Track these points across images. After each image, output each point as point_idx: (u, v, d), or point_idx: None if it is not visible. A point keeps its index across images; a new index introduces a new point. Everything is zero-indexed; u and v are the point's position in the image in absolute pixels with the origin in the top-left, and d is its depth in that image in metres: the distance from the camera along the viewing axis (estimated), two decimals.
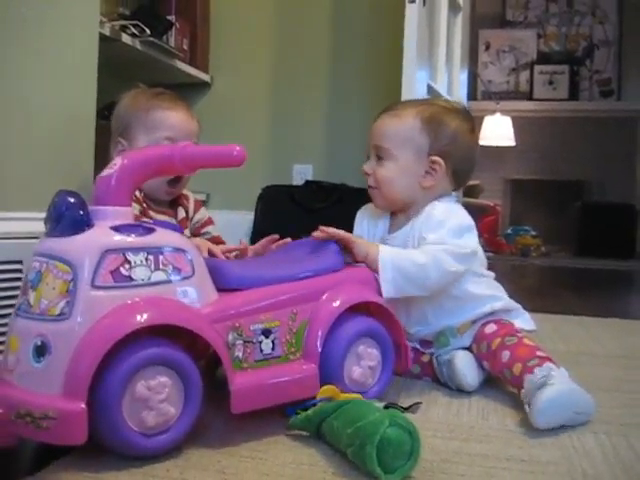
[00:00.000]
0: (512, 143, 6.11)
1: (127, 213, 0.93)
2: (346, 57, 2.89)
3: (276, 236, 1.34)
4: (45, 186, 1.44)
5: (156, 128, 1.33)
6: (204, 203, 2.76)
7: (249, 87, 3.03)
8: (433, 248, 1.17)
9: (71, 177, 1.54)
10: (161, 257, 0.89)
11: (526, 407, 1.05)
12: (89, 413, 0.78)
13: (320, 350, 1.02)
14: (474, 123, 1.32)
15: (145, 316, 0.84)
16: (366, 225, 1.36)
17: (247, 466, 0.85)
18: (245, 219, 2.75)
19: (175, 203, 1.42)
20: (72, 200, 0.88)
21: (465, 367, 1.20)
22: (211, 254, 1.28)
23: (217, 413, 0.99)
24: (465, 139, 1.28)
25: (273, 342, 0.98)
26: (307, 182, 2.75)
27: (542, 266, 4.76)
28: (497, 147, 6.10)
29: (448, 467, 0.87)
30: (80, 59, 1.59)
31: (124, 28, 2.36)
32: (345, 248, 1.17)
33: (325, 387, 0.99)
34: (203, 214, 1.48)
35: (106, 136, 1.82)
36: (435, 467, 0.87)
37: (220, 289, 0.96)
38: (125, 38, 2.35)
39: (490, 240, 5.41)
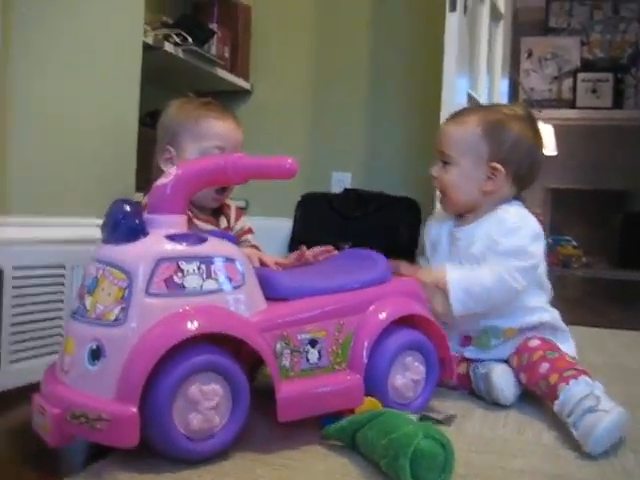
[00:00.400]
0: (554, 152, 6.03)
1: (181, 222, 0.95)
2: (386, 65, 2.89)
3: (331, 247, 1.35)
4: (89, 192, 1.48)
5: (205, 137, 1.35)
6: (243, 210, 2.79)
7: (289, 94, 3.05)
8: (501, 268, 1.22)
9: (114, 183, 1.57)
10: (212, 266, 0.91)
11: (569, 425, 1.03)
12: (140, 415, 0.81)
13: (366, 361, 1.02)
14: (537, 127, 1.34)
15: (196, 324, 0.86)
16: (434, 228, 1.42)
17: (281, 475, 0.86)
18: (284, 226, 2.76)
19: (218, 211, 1.44)
20: (128, 208, 0.91)
21: (502, 381, 1.19)
22: (262, 264, 1.30)
23: (255, 422, 1.00)
24: (527, 145, 1.30)
25: (319, 352, 0.99)
26: (346, 190, 2.75)
27: (583, 277, 4.69)
28: None
29: None
30: (125, 68, 1.62)
31: (167, 37, 2.40)
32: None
33: (367, 399, 0.99)
34: (244, 223, 1.50)
35: (148, 143, 1.84)
36: None
37: (269, 298, 0.98)
38: (168, 46, 2.38)
39: None
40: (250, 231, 1.50)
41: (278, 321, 0.96)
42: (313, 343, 0.99)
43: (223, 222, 1.44)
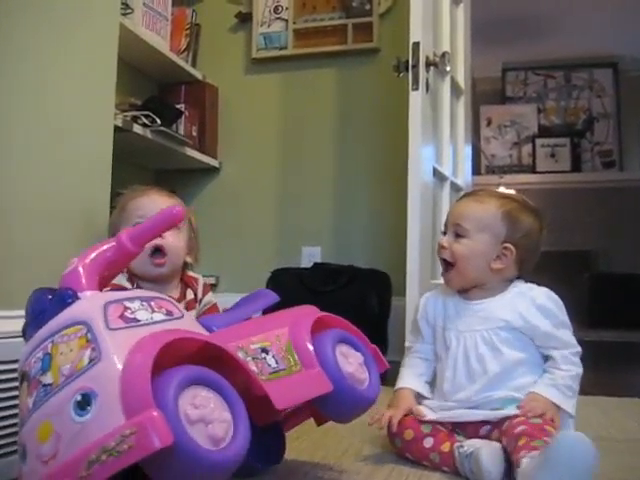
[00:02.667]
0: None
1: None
2: (352, 141, 2.96)
3: None
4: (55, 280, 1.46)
5: (130, 216, 1.44)
6: (213, 287, 2.77)
7: (257, 171, 3.09)
8: (572, 354, 1.39)
9: None
10: (153, 303, 0.94)
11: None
12: None
13: (314, 354, 1.08)
14: (545, 223, 1.48)
15: (173, 334, 0.86)
16: (434, 304, 1.47)
17: None
18: None
19: (184, 285, 1.49)
20: (51, 290, 0.93)
21: (491, 463, 1.17)
22: None
23: None
24: (535, 235, 1.43)
25: (274, 358, 1.03)
26: (315, 264, 2.76)
27: None
28: None
29: None
30: (96, 150, 1.63)
31: (135, 118, 2.43)
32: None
33: None
34: (210, 298, 1.55)
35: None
36: None
37: None
38: (137, 128, 2.41)
39: None
40: (216, 308, 1.54)
41: (229, 337, 1.00)
42: (265, 351, 1.03)
43: (190, 295, 1.49)
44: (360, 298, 2.51)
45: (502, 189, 6.12)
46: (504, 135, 6.69)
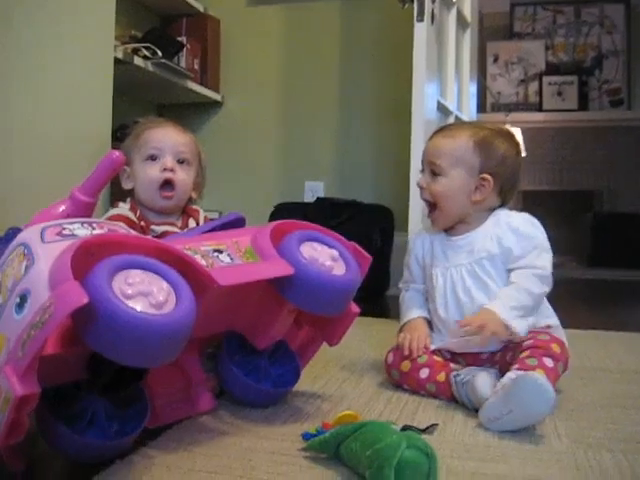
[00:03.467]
0: (522, 154, 6.10)
1: None
2: (356, 74, 2.92)
3: None
4: None
5: (143, 146, 1.45)
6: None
7: (260, 105, 3.06)
8: (523, 275, 1.32)
9: None
10: (95, 224, 0.97)
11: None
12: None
13: (274, 249, 1.07)
14: (520, 147, 1.45)
15: (104, 236, 0.91)
16: (422, 243, 1.46)
17: None
18: None
19: (187, 215, 1.52)
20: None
21: (487, 389, 1.19)
22: None
23: (235, 437, 1.00)
24: (512, 161, 1.39)
25: (229, 255, 1.04)
26: (318, 199, 2.76)
27: (555, 277, 4.73)
28: None
29: None
30: (96, 83, 1.62)
31: (136, 51, 2.40)
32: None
33: (343, 413, 1.00)
34: None
35: None
36: None
37: None
38: (137, 60, 2.38)
39: None
40: None
41: (176, 244, 0.99)
42: (219, 251, 1.03)
43: (192, 223, 1.51)
44: (363, 233, 2.51)
45: (508, 127, 6.07)
46: (511, 72, 6.58)
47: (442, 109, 2.44)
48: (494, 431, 1.11)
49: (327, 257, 1.12)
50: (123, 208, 1.44)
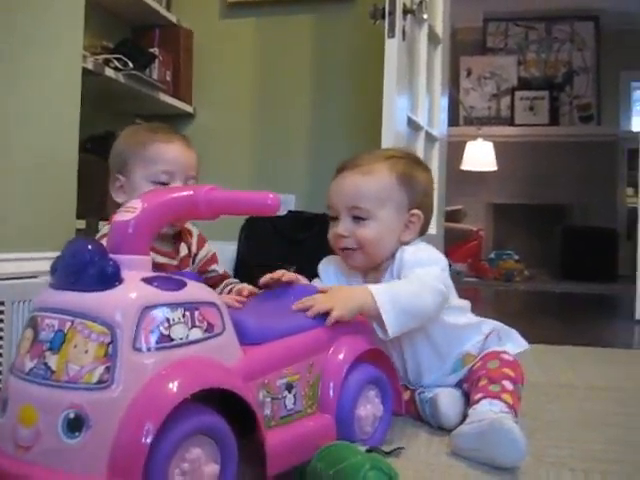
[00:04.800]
0: (494, 168, 6.18)
1: (146, 263, 0.86)
2: (327, 88, 2.93)
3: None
4: (26, 224, 1.45)
5: (153, 162, 1.31)
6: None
7: (232, 118, 3.05)
8: (416, 274, 1.18)
9: (54, 212, 1.55)
10: (197, 313, 0.83)
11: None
12: None
13: (335, 402, 1.02)
14: (430, 171, 1.37)
15: (190, 383, 0.77)
16: (338, 281, 1.33)
17: None
18: (229, 249, 2.75)
19: (178, 239, 1.38)
20: (97, 250, 0.80)
21: (448, 407, 1.21)
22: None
23: None
24: (431, 189, 1.33)
25: (295, 397, 0.96)
26: (290, 212, 2.75)
27: (525, 291, 4.79)
28: (479, 172, 6.18)
29: None
30: (63, 94, 1.60)
31: (107, 62, 2.38)
32: None
33: None
34: (208, 250, 1.44)
35: (88, 168, 1.82)
36: None
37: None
38: (108, 72, 2.36)
39: (474, 265, 5.45)
40: (215, 259, 1.45)
41: (259, 368, 0.91)
42: (289, 388, 0.95)
43: (184, 250, 1.38)
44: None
45: (480, 141, 6.13)
46: (483, 87, 6.66)
47: (412, 124, 2.46)
48: None
49: (371, 418, 1.08)
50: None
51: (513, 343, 1.31)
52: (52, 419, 0.73)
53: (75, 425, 0.72)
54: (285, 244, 2.62)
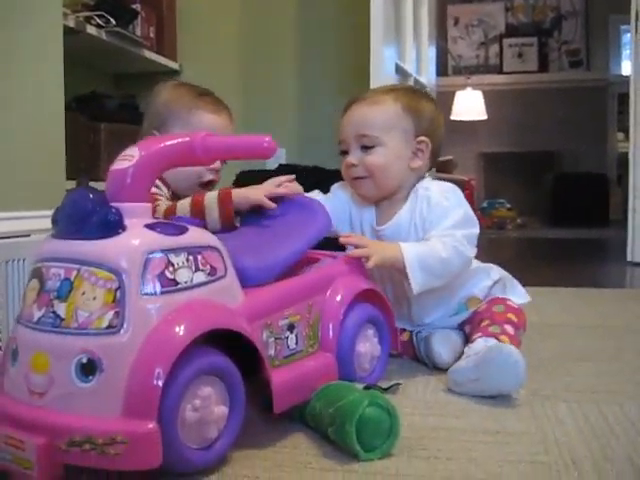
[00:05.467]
0: (484, 117, 6.15)
1: (147, 210, 0.87)
2: (314, 39, 2.90)
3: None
4: (15, 183, 1.45)
5: (196, 128, 1.25)
6: None
7: (219, 73, 3.01)
8: (450, 239, 1.18)
9: (42, 173, 1.54)
10: (199, 257, 0.84)
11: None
12: None
13: (335, 341, 1.04)
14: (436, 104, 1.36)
15: (197, 325, 0.79)
16: (352, 212, 1.34)
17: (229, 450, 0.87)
18: None
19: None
20: (99, 198, 0.81)
21: (441, 346, 1.23)
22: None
23: None
24: (438, 120, 1.32)
25: (296, 336, 0.98)
26: (281, 166, 2.75)
27: (518, 238, 4.82)
28: (469, 122, 6.15)
29: (426, 443, 0.90)
30: (45, 54, 1.58)
31: (89, 19, 2.34)
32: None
33: None
34: None
35: (75, 128, 1.81)
36: (414, 444, 0.89)
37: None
38: (90, 29, 2.33)
39: None
40: None
41: (261, 309, 0.93)
42: (291, 328, 0.97)
43: None
44: None
45: (469, 90, 6.09)
46: (471, 35, 6.59)
47: (401, 72, 2.45)
48: None
49: (369, 358, 1.10)
50: None
51: (516, 295, 1.32)
52: (65, 365, 0.75)
53: (88, 369, 0.74)
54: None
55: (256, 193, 1.17)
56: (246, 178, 2.74)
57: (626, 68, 6.38)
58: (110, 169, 0.86)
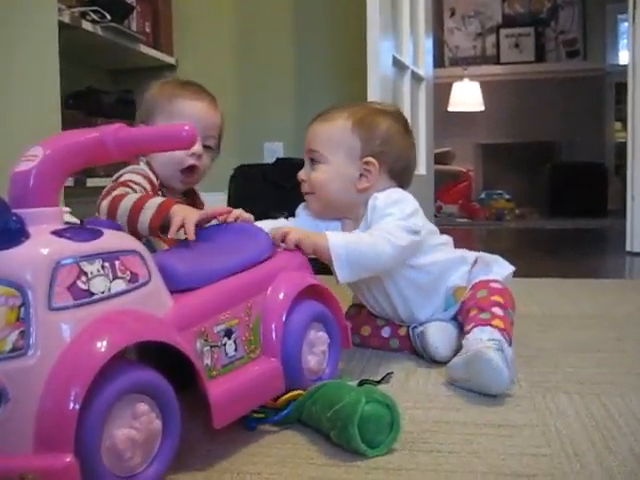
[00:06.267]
0: (481, 108, 6.14)
1: (56, 215, 0.77)
2: (311, 33, 2.89)
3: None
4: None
5: (176, 117, 1.28)
6: None
7: (216, 67, 3.01)
8: (380, 232, 1.16)
9: None
10: (117, 263, 0.76)
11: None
12: None
13: (279, 344, 0.96)
14: (408, 123, 1.32)
15: (117, 339, 0.70)
16: (320, 228, 1.29)
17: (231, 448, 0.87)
18: (219, 200, 2.75)
19: (191, 193, 1.39)
20: None
21: (437, 339, 1.22)
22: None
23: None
24: (398, 138, 1.27)
25: (235, 342, 0.90)
26: (277, 160, 2.75)
27: (517, 229, 4.82)
28: (466, 113, 6.14)
29: (428, 437, 0.89)
30: (40, 50, 1.58)
31: (84, 14, 2.34)
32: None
33: (289, 395, 0.95)
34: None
35: (72, 125, 1.80)
36: (416, 437, 0.89)
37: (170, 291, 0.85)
38: (85, 25, 2.32)
39: (465, 206, 5.46)
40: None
41: (193, 316, 0.85)
42: (229, 334, 0.89)
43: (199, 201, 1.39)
44: None
45: (466, 81, 6.08)
46: (468, 26, 6.58)
47: (398, 64, 2.44)
48: None
49: (319, 356, 1.03)
50: (143, 169, 1.27)
51: (499, 267, 1.31)
52: None
53: None
54: (275, 192, 2.61)
55: (190, 216, 1.06)
56: (243, 172, 2.74)
57: (623, 57, 6.37)
58: (12, 172, 0.78)
